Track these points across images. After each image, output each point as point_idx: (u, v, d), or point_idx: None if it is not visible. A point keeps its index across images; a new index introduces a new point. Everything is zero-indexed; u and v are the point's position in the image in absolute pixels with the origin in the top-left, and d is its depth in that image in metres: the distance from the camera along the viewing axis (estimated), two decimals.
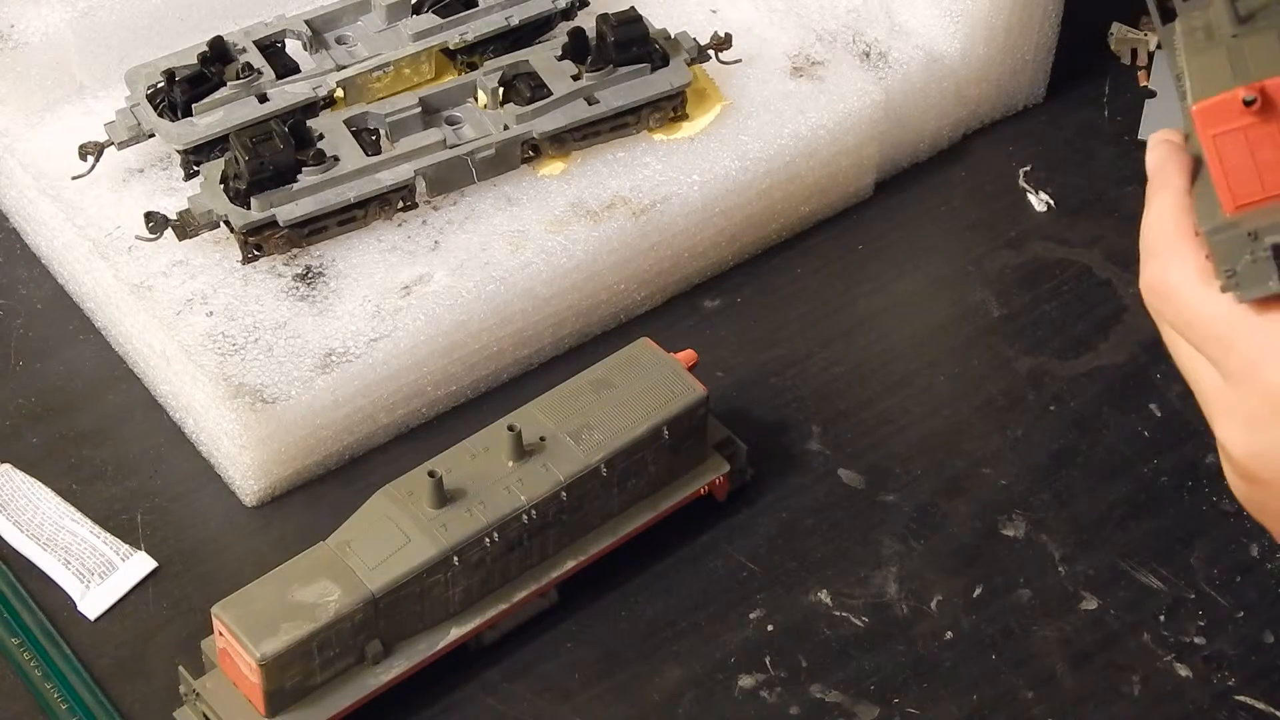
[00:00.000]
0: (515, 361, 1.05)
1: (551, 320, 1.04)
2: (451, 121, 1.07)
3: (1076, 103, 1.21)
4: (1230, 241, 0.68)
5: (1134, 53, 1.23)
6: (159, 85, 1.05)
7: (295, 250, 1.02)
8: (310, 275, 1.01)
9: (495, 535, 0.90)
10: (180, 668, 0.89)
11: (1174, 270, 0.70)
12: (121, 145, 1.04)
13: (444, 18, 1.09)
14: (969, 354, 1.07)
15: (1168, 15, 0.72)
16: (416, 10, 1.10)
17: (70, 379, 1.04)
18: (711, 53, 1.11)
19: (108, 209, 1.04)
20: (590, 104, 1.07)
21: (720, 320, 1.08)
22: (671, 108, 1.09)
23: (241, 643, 0.85)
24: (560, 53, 1.08)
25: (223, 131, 1.03)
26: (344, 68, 1.07)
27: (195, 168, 1.04)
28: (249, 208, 1.00)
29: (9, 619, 0.93)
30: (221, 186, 1.01)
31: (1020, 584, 0.97)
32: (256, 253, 1.02)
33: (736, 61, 1.12)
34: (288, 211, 1.01)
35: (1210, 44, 0.70)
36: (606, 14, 1.08)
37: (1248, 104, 0.66)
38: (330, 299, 1.00)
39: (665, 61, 1.09)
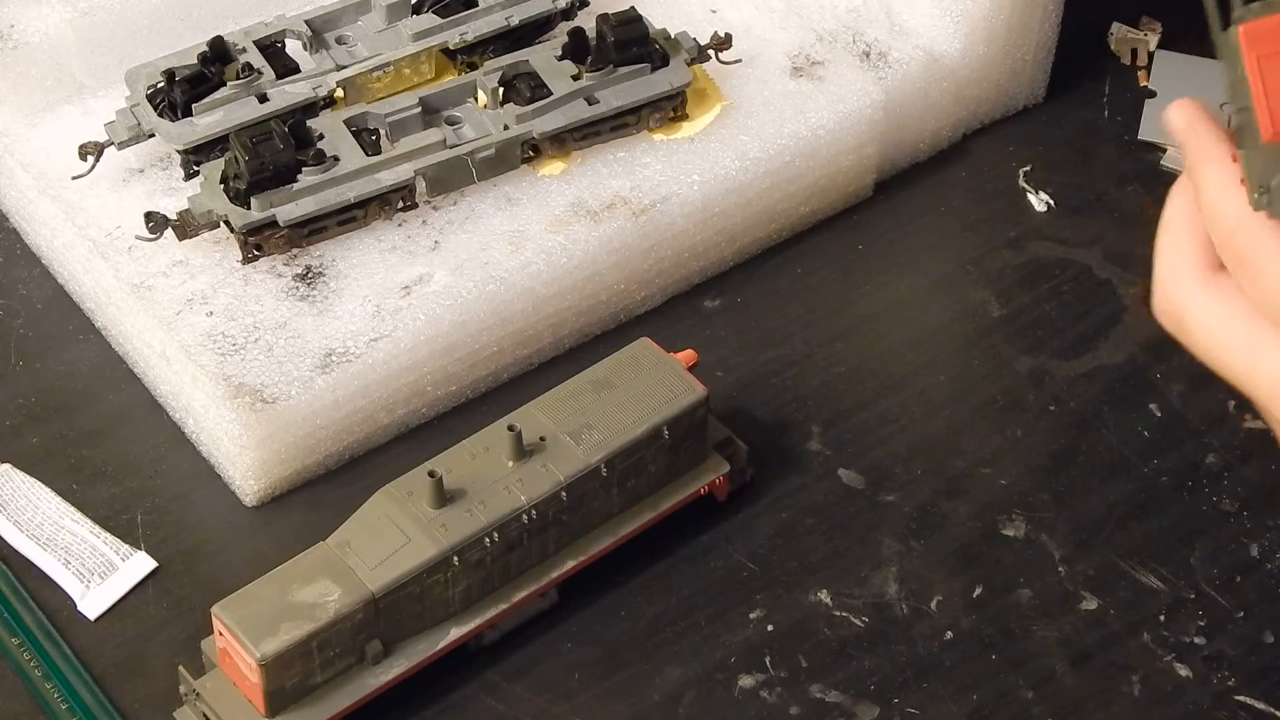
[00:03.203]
0: (515, 361, 1.05)
1: (551, 320, 1.04)
2: (451, 121, 1.07)
3: (1076, 103, 1.21)
4: (1265, 161, 0.67)
5: (1134, 53, 1.23)
6: (159, 85, 1.05)
7: (295, 250, 1.02)
8: (310, 275, 1.01)
9: (495, 535, 0.90)
10: (180, 668, 0.89)
11: (1263, 244, 0.68)
12: (121, 145, 1.04)
13: (444, 18, 1.09)
14: (969, 354, 1.07)
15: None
16: (416, 10, 1.10)
17: (70, 379, 1.04)
18: (711, 53, 1.11)
19: (108, 209, 1.04)
20: (590, 104, 1.07)
21: (720, 320, 1.08)
22: (671, 108, 1.09)
23: (241, 643, 0.85)
24: (560, 53, 1.08)
25: (223, 131, 1.03)
26: (344, 68, 1.07)
27: (195, 168, 1.04)
28: (249, 208, 1.00)
29: (9, 619, 0.93)
30: (221, 186, 1.01)
31: (1020, 584, 0.97)
32: (256, 253, 1.02)
33: (736, 61, 1.12)
34: (288, 211, 1.01)
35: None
36: (606, 14, 1.08)
37: None
38: (330, 299, 1.00)
39: (665, 61, 1.09)
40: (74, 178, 1.04)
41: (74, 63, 1.09)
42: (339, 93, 1.07)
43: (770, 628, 0.95)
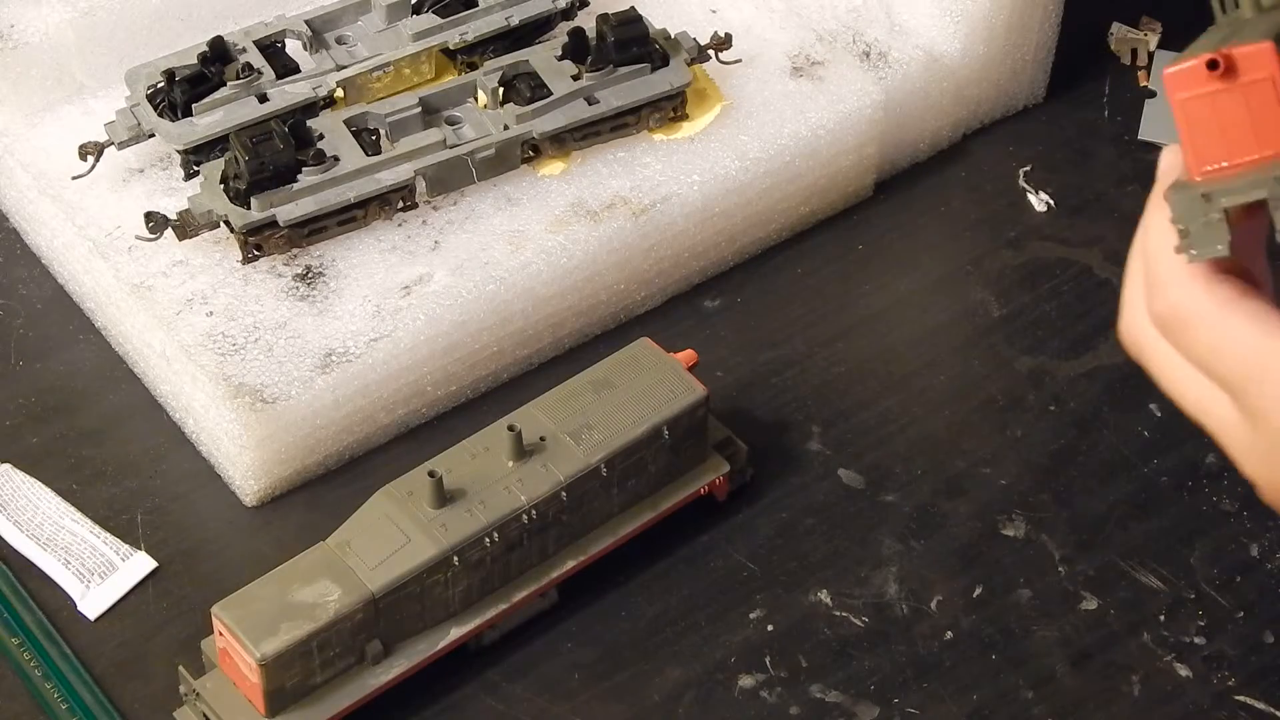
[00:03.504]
0: (515, 361, 1.05)
1: (551, 320, 1.04)
2: (451, 121, 1.07)
3: (1076, 103, 1.21)
4: (1187, 202, 0.68)
5: (1134, 53, 1.23)
6: (159, 85, 1.05)
7: (295, 250, 1.02)
8: (310, 275, 1.01)
9: (495, 535, 0.90)
10: (180, 668, 0.89)
11: (1195, 300, 0.68)
12: (121, 145, 1.04)
13: (444, 18, 1.09)
14: (969, 354, 1.07)
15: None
16: (416, 10, 1.10)
17: (70, 379, 1.04)
18: (711, 53, 1.11)
19: (108, 209, 1.04)
20: (590, 104, 1.07)
21: (720, 320, 1.08)
22: (671, 108, 1.09)
23: (241, 643, 0.85)
24: (560, 53, 1.08)
25: (223, 131, 1.03)
26: (344, 68, 1.07)
27: (195, 168, 1.04)
28: (249, 208, 1.00)
29: (9, 619, 0.93)
30: (221, 186, 1.01)
31: (1020, 584, 0.97)
32: (256, 253, 1.02)
33: (736, 61, 1.12)
34: (288, 211, 1.01)
35: (1220, 29, 0.70)
36: (606, 14, 1.08)
37: (1211, 68, 0.66)
38: (330, 299, 1.00)
39: (665, 61, 1.09)
40: (74, 178, 1.04)
41: (74, 63, 1.09)
42: (339, 93, 1.07)
43: (770, 628, 0.95)
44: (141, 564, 0.96)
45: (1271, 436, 0.67)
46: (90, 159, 1.03)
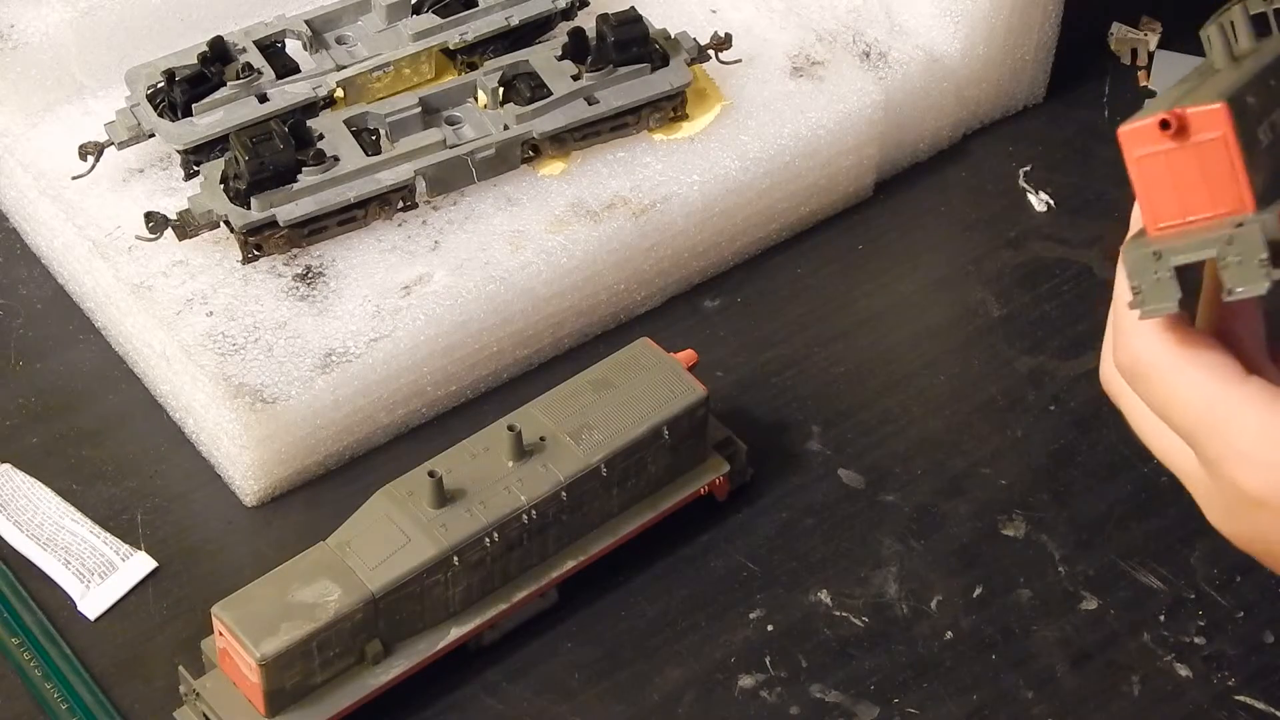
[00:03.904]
0: (515, 361, 1.05)
1: (551, 320, 1.04)
2: (451, 121, 1.07)
3: (1076, 103, 1.21)
4: (1139, 259, 0.68)
5: (1134, 53, 1.23)
6: (159, 85, 1.05)
7: (295, 250, 1.02)
8: (310, 275, 1.01)
9: (495, 535, 0.90)
10: (180, 668, 0.89)
11: (1154, 350, 0.69)
12: (121, 145, 1.04)
13: (444, 18, 1.09)
14: (969, 354, 1.07)
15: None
16: (416, 10, 1.10)
17: (70, 379, 1.04)
18: (711, 53, 1.11)
19: (108, 209, 1.04)
20: (590, 104, 1.07)
21: (720, 320, 1.08)
22: (671, 108, 1.09)
23: (241, 643, 0.85)
24: (560, 53, 1.08)
25: (223, 131, 1.03)
26: (344, 68, 1.07)
27: (195, 168, 1.04)
28: (249, 208, 1.00)
29: (9, 619, 0.93)
30: (221, 186, 1.01)
31: (1020, 584, 0.97)
32: (256, 253, 1.02)
33: (736, 61, 1.12)
34: (288, 211, 1.01)
35: (1190, 79, 0.71)
36: (606, 14, 1.08)
37: (1163, 128, 0.66)
38: (330, 299, 1.00)
39: (665, 61, 1.09)
40: (74, 178, 1.04)
41: (74, 63, 1.09)
42: (339, 93, 1.07)
43: (770, 628, 0.95)
44: (141, 564, 0.96)
45: (1227, 489, 0.67)
46: (90, 159, 1.03)
